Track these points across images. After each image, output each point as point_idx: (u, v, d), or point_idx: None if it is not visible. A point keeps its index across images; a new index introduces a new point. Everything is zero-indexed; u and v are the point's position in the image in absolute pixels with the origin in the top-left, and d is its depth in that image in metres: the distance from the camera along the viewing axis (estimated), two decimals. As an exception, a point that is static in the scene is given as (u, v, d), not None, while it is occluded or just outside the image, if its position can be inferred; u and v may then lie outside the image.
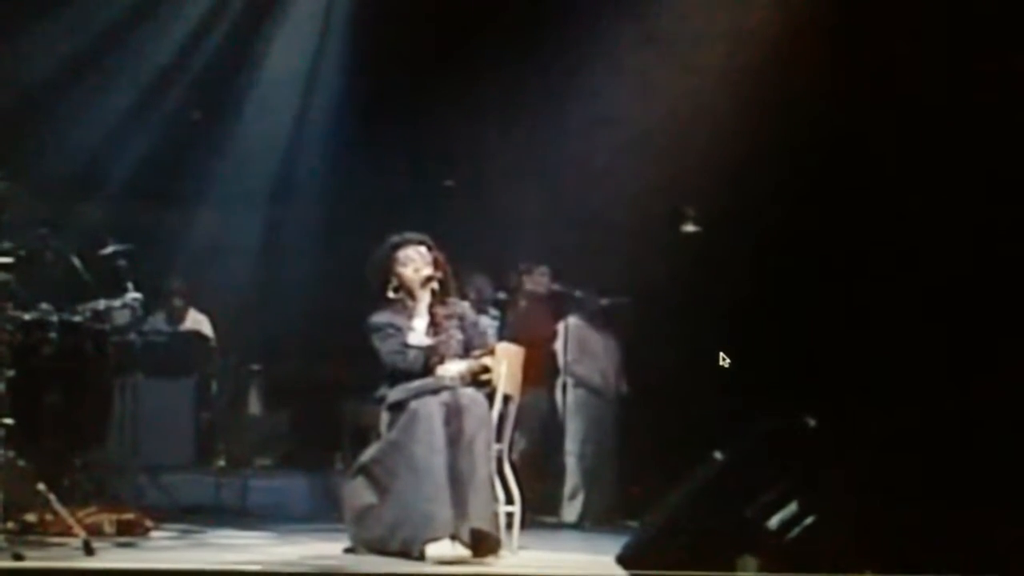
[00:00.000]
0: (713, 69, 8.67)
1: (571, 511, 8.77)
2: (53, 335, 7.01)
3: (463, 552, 6.07)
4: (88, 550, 5.80)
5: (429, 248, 6.72)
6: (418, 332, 6.60)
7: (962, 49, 7.62)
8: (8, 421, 6.02)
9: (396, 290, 6.71)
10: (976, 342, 7.37)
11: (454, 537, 6.08)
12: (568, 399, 8.84)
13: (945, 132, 7.64)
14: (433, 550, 6.04)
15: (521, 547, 6.67)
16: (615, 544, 5.48)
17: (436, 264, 6.69)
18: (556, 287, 8.97)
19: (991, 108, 7.52)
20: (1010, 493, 5.70)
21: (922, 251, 7.74)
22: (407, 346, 6.55)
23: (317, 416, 9.62)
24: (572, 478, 8.82)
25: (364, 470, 6.40)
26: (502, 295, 9.16)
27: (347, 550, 6.37)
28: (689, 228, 9.01)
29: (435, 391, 6.39)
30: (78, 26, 9.54)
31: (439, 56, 9.70)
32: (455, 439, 6.25)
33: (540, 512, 8.30)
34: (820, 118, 8.13)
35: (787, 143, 8.26)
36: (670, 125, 8.62)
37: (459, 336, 6.68)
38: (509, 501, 6.61)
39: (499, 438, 6.62)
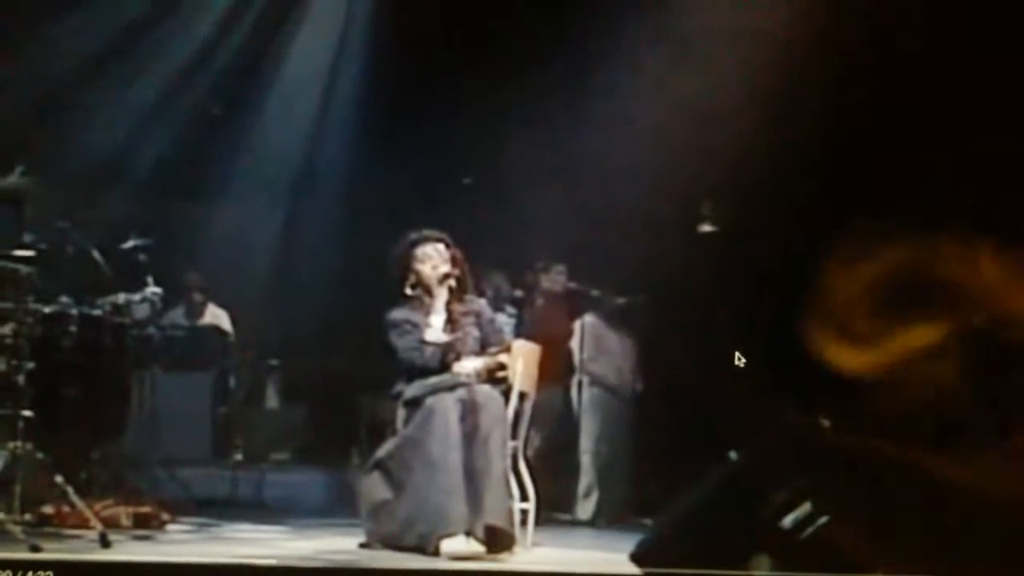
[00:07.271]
0: (732, 67, 8.64)
1: (585, 509, 8.79)
2: (73, 328, 7.05)
3: (477, 548, 6.07)
4: (104, 543, 5.82)
5: (447, 245, 6.73)
6: (435, 329, 6.62)
7: (971, 48, 7.61)
8: (27, 413, 6.05)
9: (414, 287, 6.72)
10: (989, 340, 7.35)
11: (469, 533, 6.09)
12: (583, 397, 8.85)
13: (955, 129, 7.62)
14: (448, 546, 6.05)
15: (535, 544, 6.68)
16: (629, 542, 5.48)
17: (454, 261, 6.70)
18: (573, 285, 8.99)
19: (1004, 106, 7.50)
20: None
21: (935, 245, 7.71)
22: (424, 343, 6.57)
23: (334, 411, 9.65)
24: (587, 476, 8.84)
25: (380, 465, 6.41)
26: (519, 293, 9.19)
27: (362, 545, 6.38)
28: (706, 227, 9.01)
29: (451, 388, 6.41)
30: (100, 20, 9.56)
31: (458, 53, 9.72)
32: (471, 436, 6.26)
33: (554, 509, 8.31)
34: (838, 116, 8.11)
35: (805, 141, 8.24)
36: (688, 124, 8.60)
37: (476, 333, 6.70)
38: (524, 498, 6.62)
39: (514, 435, 6.63)
